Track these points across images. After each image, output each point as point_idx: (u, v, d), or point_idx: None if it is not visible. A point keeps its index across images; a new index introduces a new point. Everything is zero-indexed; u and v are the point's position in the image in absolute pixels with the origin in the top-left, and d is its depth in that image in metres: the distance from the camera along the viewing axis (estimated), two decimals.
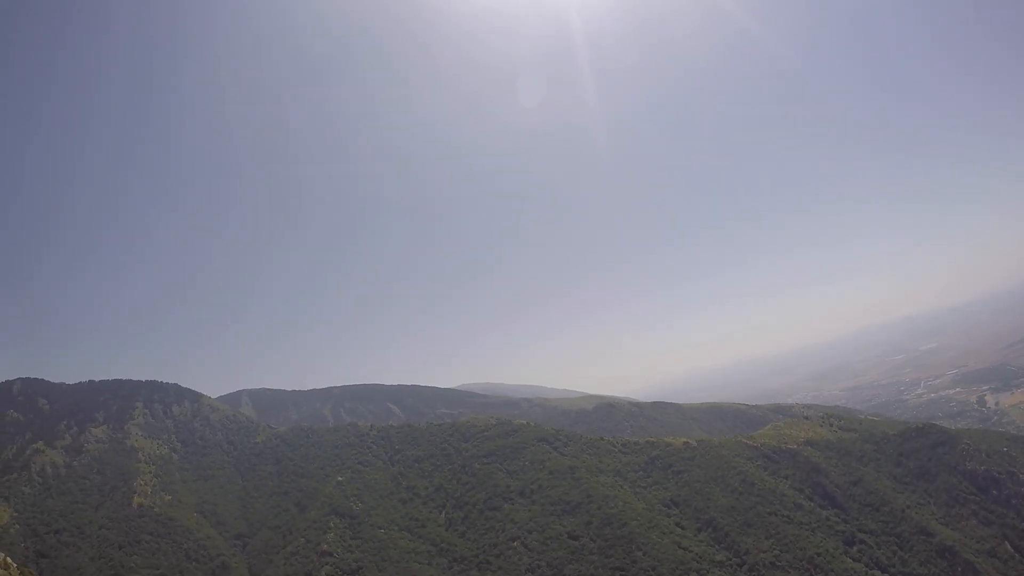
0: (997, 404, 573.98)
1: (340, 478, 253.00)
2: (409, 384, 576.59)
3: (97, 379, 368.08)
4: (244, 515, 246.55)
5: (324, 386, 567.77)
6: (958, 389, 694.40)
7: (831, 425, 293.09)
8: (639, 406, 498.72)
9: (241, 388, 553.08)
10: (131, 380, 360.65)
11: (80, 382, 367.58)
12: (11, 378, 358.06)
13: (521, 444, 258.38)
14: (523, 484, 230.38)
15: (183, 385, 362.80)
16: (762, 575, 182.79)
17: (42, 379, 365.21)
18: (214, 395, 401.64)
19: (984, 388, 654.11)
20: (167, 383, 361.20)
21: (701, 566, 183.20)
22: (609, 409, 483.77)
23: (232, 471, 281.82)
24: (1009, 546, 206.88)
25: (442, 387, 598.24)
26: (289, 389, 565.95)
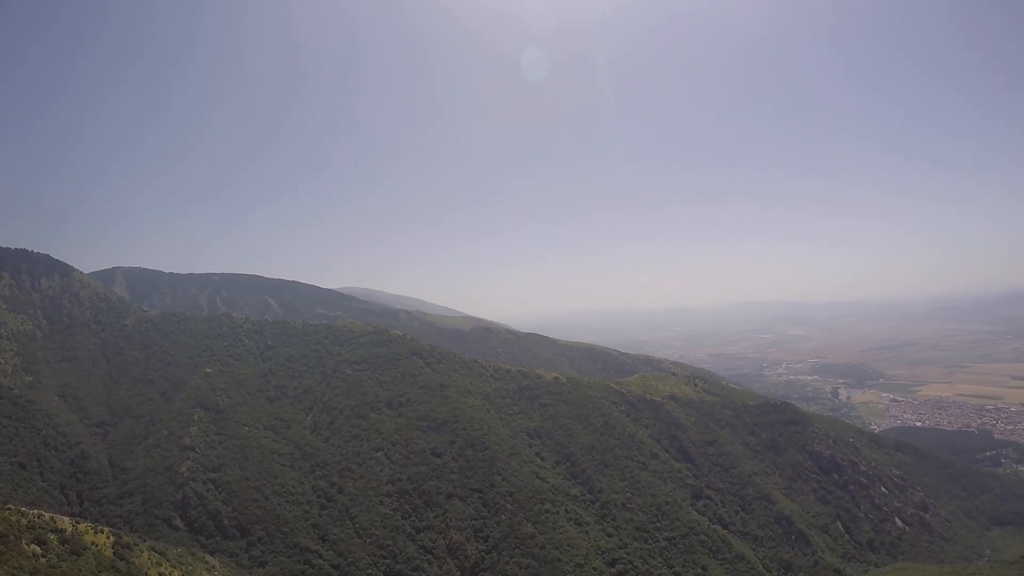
0: (848, 398, 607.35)
1: (208, 370, 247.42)
2: (290, 280, 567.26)
3: None
4: (107, 402, 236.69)
5: (202, 271, 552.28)
6: (816, 377, 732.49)
7: (695, 385, 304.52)
8: (515, 335, 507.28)
9: (116, 265, 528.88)
10: None
11: None
12: None
13: (395, 355, 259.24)
14: (392, 396, 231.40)
15: (54, 257, 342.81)
16: (613, 514, 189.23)
17: None
18: (87, 270, 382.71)
19: (840, 381, 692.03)
20: (37, 253, 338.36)
21: (556, 497, 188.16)
22: (485, 333, 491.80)
23: (98, 353, 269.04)
24: (840, 526, 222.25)
25: (322, 287, 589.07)
26: (166, 271, 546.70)
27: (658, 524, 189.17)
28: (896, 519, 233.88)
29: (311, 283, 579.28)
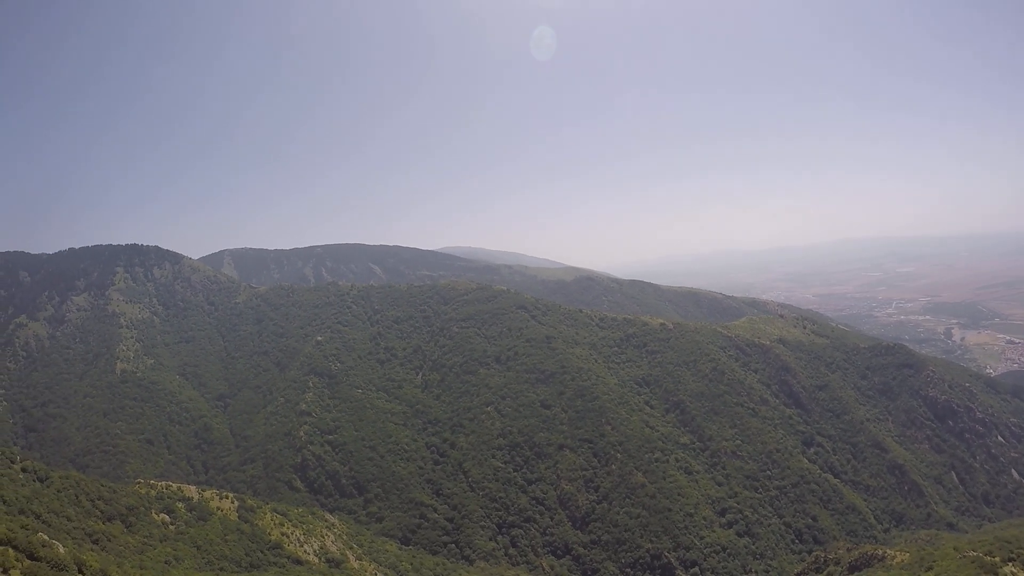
0: (963, 340, 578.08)
1: (320, 338, 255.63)
2: (391, 245, 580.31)
3: (78, 246, 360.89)
4: (225, 376, 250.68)
5: (306, 245, 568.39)
6: (927, 317, 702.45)
7: (804, 328, 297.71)
8: (618, 283, 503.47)
9: (223, 248, 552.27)
10: (111, 245, 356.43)
11: (60, 251, 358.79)
12: None
13: (500, 310, 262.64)
14: (500, 350, 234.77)
15: (164, 247, 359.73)
16: (722, 462, 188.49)
17: (22, 251, 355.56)
18: (196, 256, 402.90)
19: (953, 322, 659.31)
20: (147, 246, 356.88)
21: (666, 446, 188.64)
22: (588, 283, 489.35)
23: (213, 332, 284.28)
24: (955, 477, 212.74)
25: (424, 249, 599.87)
26: (271, 248, 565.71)
27: (768, 472, 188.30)
28: (1012, 471, 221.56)
29: (412, 246, 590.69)
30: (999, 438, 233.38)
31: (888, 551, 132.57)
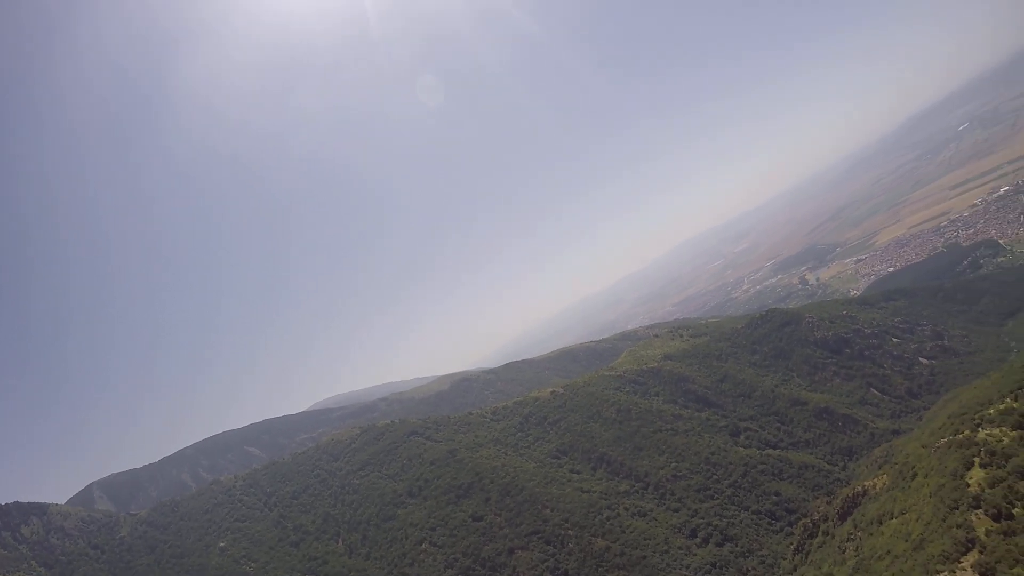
0: (818, 280, 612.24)
1: (222, 543, 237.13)
2: (260, 420, 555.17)
3: None
4: None
5: (175, 451, 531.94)
6: (779, 276, 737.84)
7: (681, 336, 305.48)
8: (494, 372, 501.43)
9: (89, 481, 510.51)
10: None
11: None
12: None
13: (392, 445, 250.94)
14: (408, 483, 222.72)
15: (24, 501, 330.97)
16: (668, 489, 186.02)
17: None
18: (62, 500, 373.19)
19: (802, 269, 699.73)
20: (6, 504, 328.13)
21: (609, 501, 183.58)
22: (465, 383, 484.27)
23: None
24: (875, 391, 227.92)
25: (295, 413, 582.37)
26: (140, 466, 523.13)
27: (715, 476, 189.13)
28: (920, 359, 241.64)
29: (283, 415, 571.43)
30: (893, 339, 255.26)
31: (867, 483, 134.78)
